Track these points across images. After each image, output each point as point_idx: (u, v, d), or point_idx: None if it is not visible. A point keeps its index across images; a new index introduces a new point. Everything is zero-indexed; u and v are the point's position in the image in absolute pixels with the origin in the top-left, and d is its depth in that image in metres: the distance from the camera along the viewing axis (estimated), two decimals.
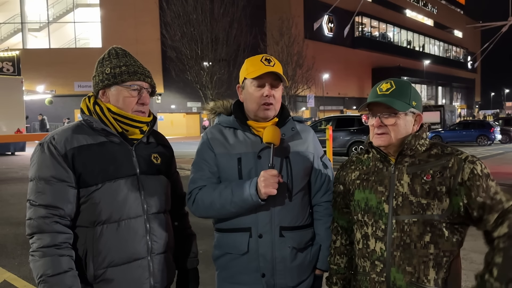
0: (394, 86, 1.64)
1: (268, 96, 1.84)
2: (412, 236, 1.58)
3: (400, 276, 1.60)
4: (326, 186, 2.00)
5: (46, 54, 34.33)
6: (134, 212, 1.73)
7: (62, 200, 1.64)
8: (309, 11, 42.15)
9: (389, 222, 1.62)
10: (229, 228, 1.88)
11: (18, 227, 6.52)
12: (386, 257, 1.62)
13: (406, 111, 1.63)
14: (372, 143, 1.71)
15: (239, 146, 1.87)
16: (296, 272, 1.89)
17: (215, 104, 2.03)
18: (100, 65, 1.80)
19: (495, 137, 24.19)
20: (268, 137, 1.78)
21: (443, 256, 1.58)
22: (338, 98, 48.24)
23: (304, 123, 2.06)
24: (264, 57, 1.88)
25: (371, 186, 1.69)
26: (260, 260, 1.84)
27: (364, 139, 15.10)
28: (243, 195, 1.75)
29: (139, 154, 1.80)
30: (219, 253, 1.94)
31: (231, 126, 1.93)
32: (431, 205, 1.56)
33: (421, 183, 1.59)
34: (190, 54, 21.97)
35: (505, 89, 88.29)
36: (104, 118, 1.75)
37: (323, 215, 1.98)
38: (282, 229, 1.84)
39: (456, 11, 76.33)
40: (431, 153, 1.64)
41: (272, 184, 1.71)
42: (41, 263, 1.57)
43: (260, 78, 1.83)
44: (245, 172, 1.83)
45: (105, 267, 1.67)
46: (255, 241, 1.83)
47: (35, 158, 1.69)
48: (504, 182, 10.24)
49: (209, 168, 1.89)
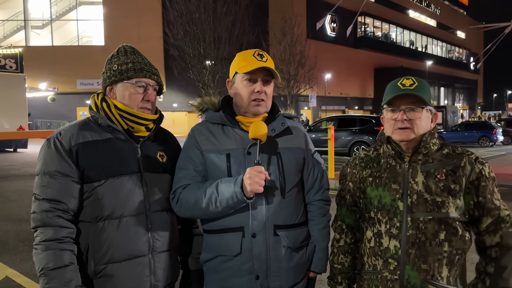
0: (417, 83, 1.65)
1: (260, 92, 1.78)
2: (427, 234, 1.59)
3: (415, 274, 1.60)
4: (319, 183, 1.94)
5: (48, 51, 34.39)
6: (136, 209, 1.74)
7: (66, 195, 1.66)
8: (312, 10, 42.09)
9: (404, 219, 1.62)
10: (220, 229, 1.78)
11: (20, 224, 6.54)
12: (400, 255, 1.62)
13: (428, 107, 1.66)
14: (389, 138, 1.70)
15: (227, 142, 1.80)
16: (292, 273, 1.81)
17: (202, 100, 1.95)
18: (109, 62, 1.83)
19: (497, 138, 24.14)
20: (254, 133, 1.70)
21: (455, 254, 1.60)
22: (340, 98, 48.19)
23: (293, 119, 1.99)
24: (256, 51, 1.81)
25: (384, 184, 1.68)
26: (254, 262, 1.74)
27: (366, 139, 15.10)
28: (228, 193, 1.67)
29: (144, 152, 1.80)
30: (209, 256, 1.83)
31: (219, 123, 1.85)
32: (445, 203, 1.59)
33: (435, 181, 1.61)
34: (192, 53, 22.02)
35: (507, 90, 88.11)
36: (110, 115, 1.76)
37: (316, 215, 1.92)
38: (276, 228, 1.76)
39: (459, 11, 76.20)
40: (443, 152, 1.67)
41: (258, 182, 1.63)
42: (42, 256, 1.59)
43: (252, 73, 1.78)
44: (234, 169, 1.76)
45: (105, 263, 1.68)
46: (248, 241, 1.74)
47: (42, 153, 1.72)
48: (506, 183, 10.22)
49: (194, 167, 1.81)
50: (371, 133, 14.82)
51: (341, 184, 1.89)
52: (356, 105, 50.89)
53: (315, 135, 15.83)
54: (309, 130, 16.78)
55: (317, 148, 2.17)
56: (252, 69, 1.76)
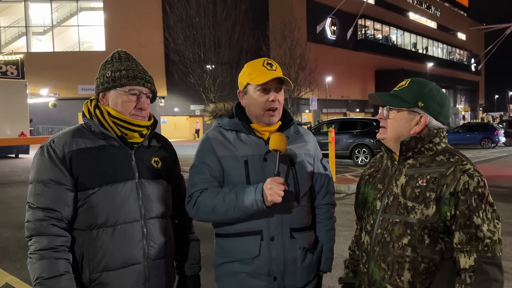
0: (407, 84, 1.68)
1: (274, 100, 1.84)
2: (392, 236, 1.62)
3: (376, 270, 1.66)
4: (326, 188, 2.03)
5: (50, 57, 34.49)
6: (131, 217, 1.73)
7: (60, 203, 1.64)
8: (312, 14, 42.17)
9: (377, 218, 1.68)
10: (237, 233, 1.84)
11: (20, 230, 6.50)
12: (369, 251, 1.70)
13: (399, 108, 1.64)
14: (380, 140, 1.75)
15: (244, 149, 1.86)
16: (305, 272, 1.92)
17: (215, 106, 2.00)
18: (103, 68, 1.82)
19: (499, 139, 24.11)
20: (275, 144, 1.77)
21: (421, 261, 1.56)
22: (341, 101, 48.19)
23: (302, 126, 2.08)
24: (265, 61, 1.87)
25: (373, 183, 1.76)
26: (273, 263, 1.83)
27: (367, 142, 15.07)
28: (248, 201, 1.73)
29: (138, 158, 1.79)
30: (224, 260, 1.88)
31: (234, 129, 1.90)
32: (415, 209, 1.57)
33: (414, 186, 1.59)
34: (193, 57, 22.02)
35: (509, 91, 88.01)
36: (104, 122, 1.75)
37: (323, 218, 2.02)
38: (292, 231, 1.87)
39: (459, 13, 76.21)
40: (436, 158, 1.62)
41: (278, 192, 1.70)
42: (37, 266, 1.58)
43: (265, 83, 1.83)
44: (253, 175, 1.82)
45: (100, 271, 1.67)
46: (266, 244, 1.82)
47: (35, 160, 1.71)
48: (508, 185, 10.18)
49: (211, 172, 1.85)
50: (372, 136, 14.76)
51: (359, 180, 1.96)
52: (357, 108, 50.87)
53: (316, 138, 15.81)
54: None
55: None
56: (266, 81, 1.81)
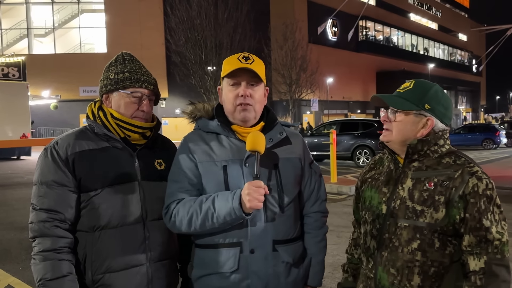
0: (412, 86, 1.65)
1: (244, 96, 1.67)
2: (401, 240, 1.59)
3: (385, 275, 1.62)
4: (316, 194, 1.87)
5: (51, 59, 34.55)
6: (133, 218, 1.73)
7: (63, 205, 1.65)
8: (313, 15, 42.18)
9: (384, 223, 1.64)
10: (215, 244, 1.68)
11: (23, 232, 6.53)
12: (376, 256, 1.66)
13: (407, 110, 1.61)
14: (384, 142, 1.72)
15: (224, 153, 1.70)
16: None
17: (195, 107, 1.83)
18: (107, 69, 1.83)
19: (500, 140, 24.07)
20: (251, 144, 1.59)
21: (430, 265, 1.55)
22: (342, 102, 48.14)
23: (291, 128, 1.90)
24: (242, 54, 1.71)
25: (377, 186, 1.71)
26: (253, 278, 1.66)
27: (369, 143, 15.05)
28: (226, 209, 1.58)
29: (141, 160, 1.80)
30: (202, 272, 1.72)
31: (214, 131, 1.75)
32: (425, 213, 1.55)
33: (421, 190, 1.57)
34: (194, 59, 22.08)
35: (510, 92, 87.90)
36: (107, 123, 1.76)
37: (313, 228, 1.86)
38: (275, 243, 1.69)
39: (460, 14, 76.17)
40: (442, 161, 1.60)
41: (257, 198, 1.53)
42: (41, 267, 1.59)
43: (234, 76, 1.68)
44: (232, 181, 1.66)
45: (103, 272, 1.68)
46: (246, 257, 1.65)
47: (39, 162, 1.72)
48: (510, 186, 10.16)
49: (188, 180, 1.70)
50: (374, 137, 14.76)
51: (358, 181, 1.93)
52: (359, 109, 50.82)
53: (317, 140, 15.81)
54: (311, 135, 16.76)
55: (319, 152, 2.17)
56: (231, 70, 1.67)
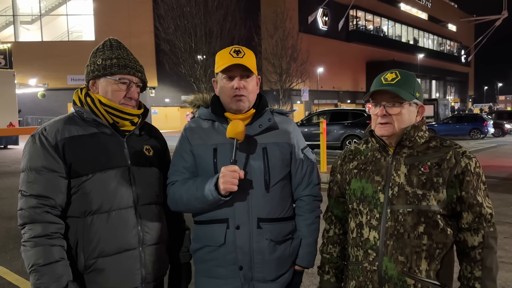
0: (400, 76, 1.65)
1: (238, 88, 1.81)
2: (406, 226, 1.59)
3: (392, 265, 1.61)
4: (308, 179, 1.95)
5: (38, 47, 34.02)
6: (124, 203, 1.73)
7: (53, 190, 1.64)
8: (304, 4, 42.02)
9: (384, 211, 1.63)
10: (207, 220, 1.85)
11: (10, 221, 6.48)
12: (379, 246, 1.63)
13: (411, 101, 1.64)
14: (373, 132, 1.72)
15: (216, 137, 1.85)
16: (274, 265, 1.85)
17: (195, 97, 2.02)
18: (94, 55, 1.81)
19: (488, 130, 24.36)
20: (231, 131, 1.74)
21: (436, 247, 1.59)
22: (332, 92, 48.28)
23: (286, 115, 2.02)
24: (233, 48, 1.84)
25: (368, 176, 1.71)
26: (238, 252, 1.80)
27: (358, 132, 15.15)
28: (205, 190, 1.73)
29: (131, 146, 1.80)
30: (198, 246, 1.90)
31: (209, 118, 1.91)
32: (427, 196, 1.58)
33: (418, 174, 1.61)
34: (183, 47, 21.92)
35: (498, 83, 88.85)
36: (95, 109, 1.75)
37: (304, 211, 1.94)
38: (260, 221, 1.81)
39: (450, 4, 76.45)
40: (430, 145, 1.66)
41: (231, 181, 1.67)
42: (32, 253, 1.58)
43: (228, 70, 1.81)
44: (221, 163, 1.79)
45: (96, 257, 1.68)
46: (232, 233, 1.80)
47: (27, 149, 1.70)
48: (496, 175, 10.32)
49: (183, 163, 1.88)
50: (363, 127, 14.87)
51: (331, 175, 1.91)
52: (349, 99, 51.04)
53: (307, 129, 15.86)
54: (301, 124, 16.81)
55: (309, 142, 2.18)
56: (225, 67, 1.80)
